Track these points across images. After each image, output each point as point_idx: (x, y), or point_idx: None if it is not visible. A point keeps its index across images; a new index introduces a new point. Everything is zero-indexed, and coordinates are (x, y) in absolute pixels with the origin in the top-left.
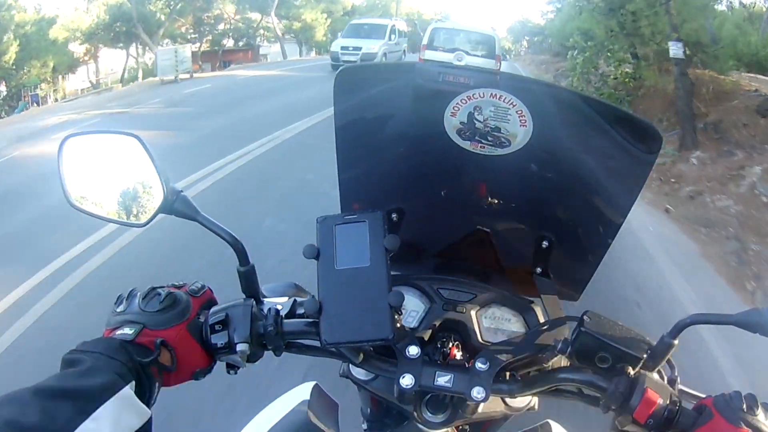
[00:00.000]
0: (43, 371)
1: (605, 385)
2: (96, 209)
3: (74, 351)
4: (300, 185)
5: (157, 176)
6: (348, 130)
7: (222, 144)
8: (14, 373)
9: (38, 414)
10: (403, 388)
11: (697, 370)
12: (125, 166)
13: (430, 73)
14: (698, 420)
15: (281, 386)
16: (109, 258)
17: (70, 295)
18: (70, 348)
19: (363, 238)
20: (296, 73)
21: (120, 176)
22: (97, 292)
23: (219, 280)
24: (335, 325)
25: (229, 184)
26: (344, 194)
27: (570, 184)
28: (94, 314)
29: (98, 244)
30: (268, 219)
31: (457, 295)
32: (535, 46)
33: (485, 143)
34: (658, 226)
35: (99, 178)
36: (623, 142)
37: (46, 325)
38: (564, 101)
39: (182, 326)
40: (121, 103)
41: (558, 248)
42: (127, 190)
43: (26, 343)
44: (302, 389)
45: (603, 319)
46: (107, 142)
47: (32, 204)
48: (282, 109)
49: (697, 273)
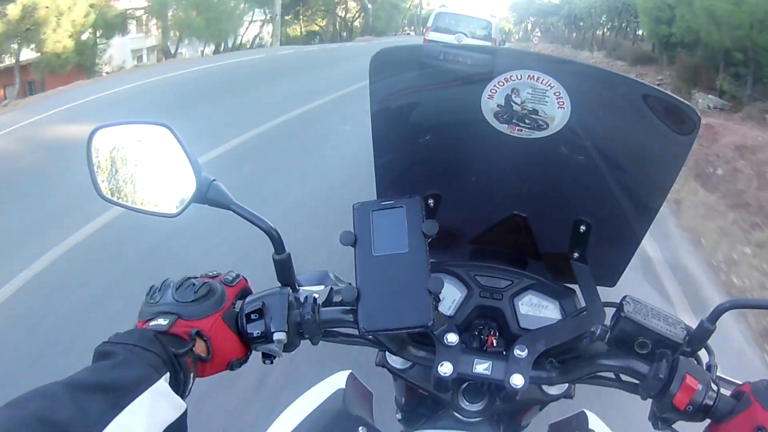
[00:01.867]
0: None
1: (644, 372)
2: (127, 200)
3: (107, 343)
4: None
5: (190, 165)
6: (383, 115)
7: None
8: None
9: (70, 408)
10: (441, 375)
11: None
12: (156, 156)
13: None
14: (736, 407)
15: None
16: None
17: None
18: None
19: (401, 224)
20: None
21: (151, 166)
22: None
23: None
24: (373, 313)
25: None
26: (380, 180)
27: (607, 167)
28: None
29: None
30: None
31: (493, 281)
32: (551, 32)
33: (523, 126)
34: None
35: (129, 169)
36: (660, 124)
37: None
38: (601, 81)
39: (217, 316)
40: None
41: (595, 233)
42: (158, 181)
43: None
44: (337, 378)
45: (641, 304)
46: (137, 133)
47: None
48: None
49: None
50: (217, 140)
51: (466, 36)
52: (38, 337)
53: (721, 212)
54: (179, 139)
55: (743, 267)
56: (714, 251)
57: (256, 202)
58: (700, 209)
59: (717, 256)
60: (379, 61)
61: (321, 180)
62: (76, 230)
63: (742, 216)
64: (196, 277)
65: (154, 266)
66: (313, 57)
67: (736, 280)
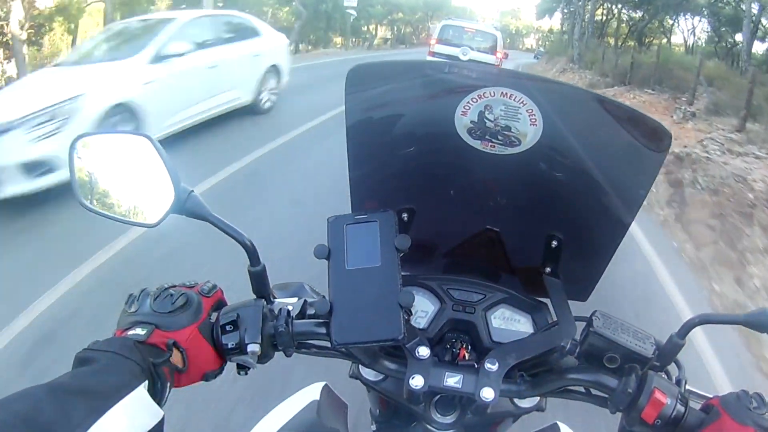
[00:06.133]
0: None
1: (613, 386)
2: (107, 210)
3: (87, 350)
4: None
5: (168, 176)
6: (359, 128)
7: None
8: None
9: (53, 410)
10: (412, 388)
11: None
12: (136, 166)
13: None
14: (705, 419)
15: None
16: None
17: None
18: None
19: (374, 238)
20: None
21: (131, 176)
22: None
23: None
24: (345, 326)
25: None
26: (355, 194)
27: (580, 183)
28: None
29: None
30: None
31: (466, 295)
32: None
33: (496, 142)
34: None
35: (110, 179)
36: (633, 140)
37: None
38: (573, 100)
39: (194, 327)
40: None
41: (567, 248)
42: (137, 191)
43: None
44: (311, 390)
45: (612, 319)
46: (118, 142)
47: None
48: None
49: None
50: None
51: (472, 49)
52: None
53: None
54: (159, 150)
55: None
56: None
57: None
58: None
59: None
60: (355, 75)
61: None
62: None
63: None
64: (174, 287)
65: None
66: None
67: None
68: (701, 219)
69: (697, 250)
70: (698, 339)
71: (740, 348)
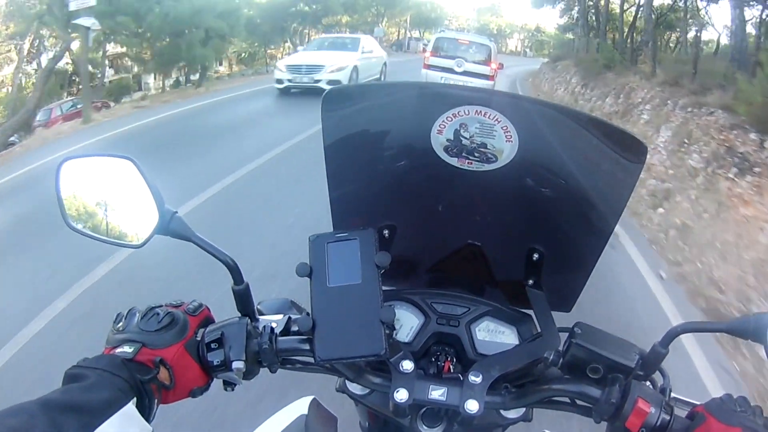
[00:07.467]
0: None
1: (597, 396)
2: (93, 231)
3: (76, 366)
4: None
5: (152, 198)
6: (337, 148)
7: None
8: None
9: (46, 426)
10: (397, 402)
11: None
12: (121, 188)
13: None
14: (690, 426)
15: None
16: None
17: None
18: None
19: (354, 256)
20: None
21: (116, 198)
22: None
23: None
24: (328, 342)
25: None
26: (336, 212)
27: (559, 196)
28: None
29: None
30: None
31: (450, 308)
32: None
33: (472, 159)
34: None
35: (96, 201)
36: (610, 151)
37: None
38: (548, 116)
39: (180, 345)
40: None
41: (549, 260)
42: (123, 212)
43: None
44: (300, 404)
45: (594, 330)
46: (103, 165)
47: None
48: None
49: None
50: None
51: (466, 61)
52: None
53: None
54: (143, 172)
55: None
56: None
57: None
58: None
59: None
60: (332, 96)
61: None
62: None
63: None
64: (161, 306)
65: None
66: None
67: None
68: None
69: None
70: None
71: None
